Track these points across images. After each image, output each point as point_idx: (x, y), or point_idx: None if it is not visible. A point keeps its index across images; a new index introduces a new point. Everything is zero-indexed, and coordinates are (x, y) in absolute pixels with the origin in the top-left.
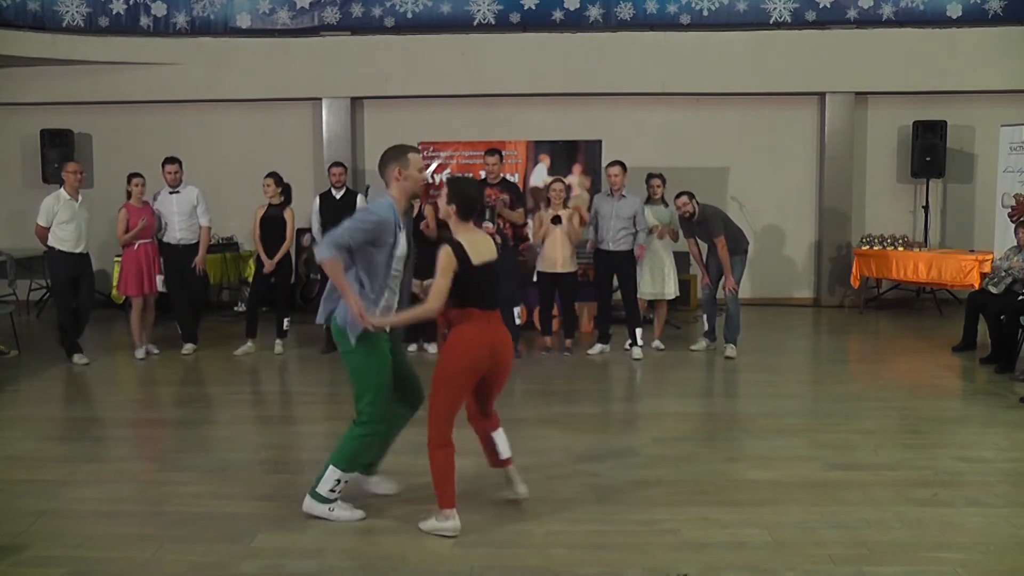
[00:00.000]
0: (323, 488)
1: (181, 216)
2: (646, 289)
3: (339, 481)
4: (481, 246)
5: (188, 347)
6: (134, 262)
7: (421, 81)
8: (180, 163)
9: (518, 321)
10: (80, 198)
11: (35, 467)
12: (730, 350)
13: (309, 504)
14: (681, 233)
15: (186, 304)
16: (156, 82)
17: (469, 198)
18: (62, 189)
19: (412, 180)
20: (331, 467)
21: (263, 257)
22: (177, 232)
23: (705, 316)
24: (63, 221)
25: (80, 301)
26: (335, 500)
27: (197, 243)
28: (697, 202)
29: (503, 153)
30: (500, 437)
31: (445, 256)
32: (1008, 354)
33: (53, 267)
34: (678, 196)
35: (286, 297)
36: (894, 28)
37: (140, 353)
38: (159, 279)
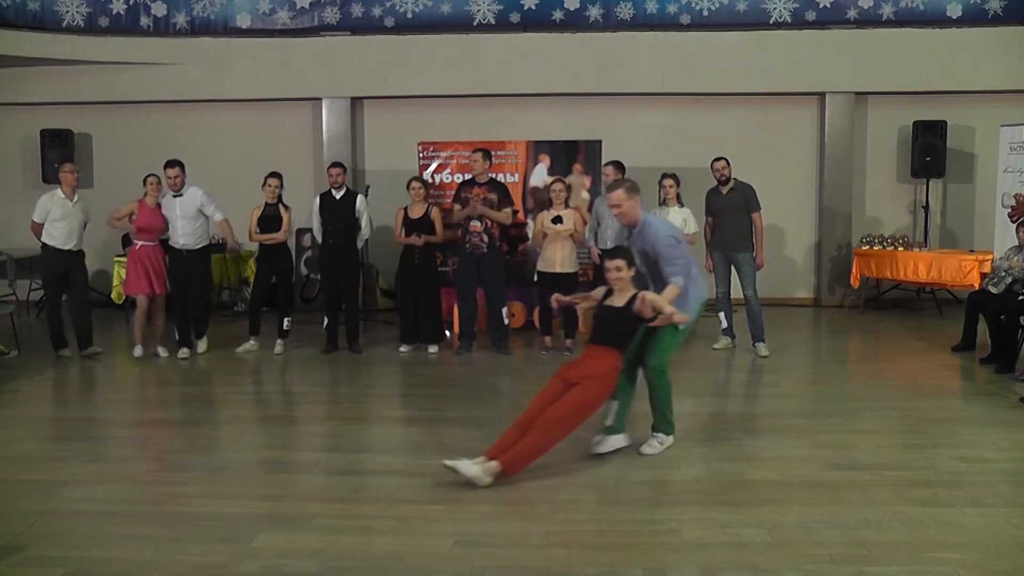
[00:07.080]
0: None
1: (184, 220)
2: None
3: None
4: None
5: (184, 351)
6: (138, 261)
7: (421, 81)
8: (182, 166)
9: (506, 321)
10: (76, 198)
11: (35, 467)
12: (763, 349)
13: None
14: (677, 229)
15: (183, 310)
16: (156, 82)
17: None
18: (59, 188)
19: None
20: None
21: (262, 239)
22: (180, 237)
23: (722, 313)
24: (56, 219)
25: (71, 296)
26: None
27: (201, 248)
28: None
29: (493, 153)
30: None
31: None
32: (1008, 354)
33: (43, 262)
34: (717, 159)
35: (287, 297)
36: (894, 28)
37: (138, 351)
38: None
